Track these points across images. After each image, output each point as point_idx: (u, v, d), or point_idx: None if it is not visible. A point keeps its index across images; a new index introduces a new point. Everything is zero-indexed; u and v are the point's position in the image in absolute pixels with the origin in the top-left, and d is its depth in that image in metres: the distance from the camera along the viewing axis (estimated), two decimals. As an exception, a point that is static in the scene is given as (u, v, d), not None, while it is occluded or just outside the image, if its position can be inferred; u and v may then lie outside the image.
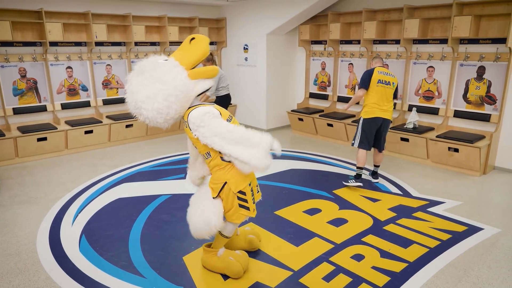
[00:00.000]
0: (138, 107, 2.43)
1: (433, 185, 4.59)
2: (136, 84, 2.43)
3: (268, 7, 6.74)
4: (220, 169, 2.57)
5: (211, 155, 2.55)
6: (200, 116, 2.40)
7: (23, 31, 5.65)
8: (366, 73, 4.32)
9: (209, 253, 2.86)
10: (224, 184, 2.57)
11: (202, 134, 2.41)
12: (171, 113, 2.43)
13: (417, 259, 3.01)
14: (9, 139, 5.29)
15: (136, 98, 2.42)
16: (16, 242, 3.32)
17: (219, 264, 2.81)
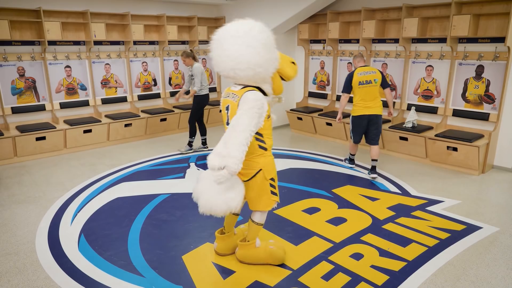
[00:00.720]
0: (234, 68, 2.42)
1: (432, 184, 4.60)
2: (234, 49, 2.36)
3: (267, 6, 6.73)
4: (256, 156, 2.59)
5: (258, 139, 2.56)
6: (255, 101, 2.41)
7: (21, 30, 5.63)
8: (346, 78, 4.64)
9: (247, 246, 2.87)
10: (258, 171, 2.59)
11: (241, 109, 2.40)
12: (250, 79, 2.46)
13: (416, 258, 3.02)
14: (7, 138, 5.28)
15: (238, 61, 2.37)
16: (15, 241, 3.32)
17: (261, 254, 2.86)
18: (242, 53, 2.34)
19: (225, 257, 3.04)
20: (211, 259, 3.02)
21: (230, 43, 2.37)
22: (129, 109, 6.97)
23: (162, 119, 6.81)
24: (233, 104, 2.54)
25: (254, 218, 2.82)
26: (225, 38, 2.40)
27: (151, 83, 7.23)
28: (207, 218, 3.70)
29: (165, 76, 7.41)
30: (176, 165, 5.27)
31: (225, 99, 2.65)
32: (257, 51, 2.35)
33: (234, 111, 2.50)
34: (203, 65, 7.92)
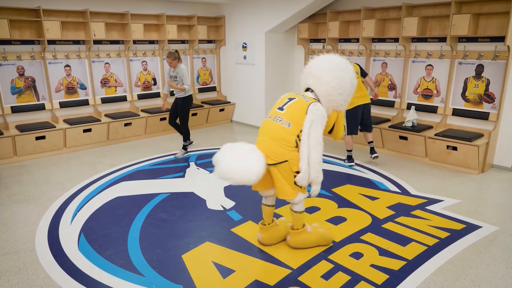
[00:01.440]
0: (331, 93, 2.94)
1: (431, 183, 4.60)
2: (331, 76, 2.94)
3: (267, 5, 6.73)
4: (289, 148, 2.80)
5: (299, 137, 2.82)
6: (322, 113, 2.85)
7: (21, 29, 5.63)
8: None
9: (299, 233, 3.08)
10: (284, 161, 2.80)
11: (310, 122, 2.79)
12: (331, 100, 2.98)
13: (415, 257, 3.02)
14: (7, 137, 5.28)
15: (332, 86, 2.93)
16: (14, 241, 3.32)
17: (313, 238, 3.11)
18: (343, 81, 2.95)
19: (225, 257, 3.05)
20: (211, 258, 3.03)
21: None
22: (129, 108, 6.96)
23: (161, 118, 6.81)
24: (301, 102, 2.90)
25: (293, 208, 3.04)
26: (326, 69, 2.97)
27: (151, 83, 7.23)
28: (207, 218, 3.70)
29: (165, 76, 7.40)
30: (176, 165, 5.28)
31: (292, 94, 3.03)
32: (344, 85, 2.95)
33: (298, 107, 2.87)
34: (203, 65, 7.92)
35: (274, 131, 2.85)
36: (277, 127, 2.85)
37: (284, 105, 2.93)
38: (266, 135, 2.90)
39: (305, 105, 2.85)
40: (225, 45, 7.90)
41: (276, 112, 2.93)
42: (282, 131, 2.82)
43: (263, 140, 2.88)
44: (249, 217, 3.70)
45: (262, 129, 2.98)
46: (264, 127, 2.97)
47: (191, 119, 7.28)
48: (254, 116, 7.53)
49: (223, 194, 4.27)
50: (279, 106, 2.96)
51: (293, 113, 2.85)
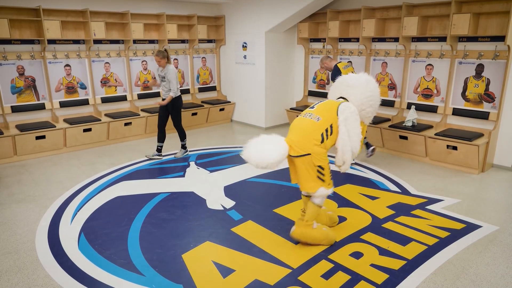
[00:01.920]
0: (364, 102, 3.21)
1: (431, 183, 4.60)
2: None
3: (267, 5, 6.72)
4: (314, 142, 3.00)
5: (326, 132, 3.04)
6: (354, 110, 3.11)
7: (21, 29, 5.63)
8: (335, 73, 4.97)
9: (306, 226, 3.15)
10: (307, 154, 2.97)
11: (344, 121, 3.03)
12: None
13: (415, 257, 3.02)
14: (7, 137, 5.28)
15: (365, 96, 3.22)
16: (14, 240, 3.32)
17: (318, 235, 3.15)
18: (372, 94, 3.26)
19: (225, 256, 3.05)
20: (211, 258, 3.03)
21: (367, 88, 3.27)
22: (129, 108, 6.96)
23: (162, 118, 6.81)
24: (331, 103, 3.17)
25: (313, 200, 3.11)
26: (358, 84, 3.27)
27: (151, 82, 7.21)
28: (207, 217, 3.70)
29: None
30: (176, 164, 5.28)
31: (324, 99, 3.33)
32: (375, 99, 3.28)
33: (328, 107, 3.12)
34: (203, 64, 7.92)
35: (303, 126, 3.06)
36: (307, 122, 3.06)
37: (315, 104, 3.22)
38: (296, 129, 3.09)
39: (335, 104, 3.10)
40: (225, 45, 7.90)
41: (307, 110, 3.19)
42: (311, 126, 3.02)
43: (291, 134, 3.08)
44: (249, 216, 3.70)
45: (293, 125, 3.16)
46: (294, 124, 3.16)
47: (192, 119, 7.29)
48: (254, 115, 7.53)
49: (223, 193, 4.27)
50: (310, 106, 3.23)
51: (323, 109, 3.10)
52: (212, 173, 4.90)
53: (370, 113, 3.27)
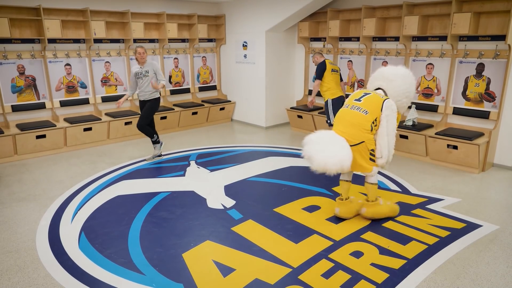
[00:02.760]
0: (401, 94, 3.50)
1: (432, 182, 4.60)
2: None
3: (267, 4, 6.72)
4: (365, 131, 3.35)
5: (373, 123, 3.37)
6: (394, 108, 3.41)
7: (21, 28, 5.63)
8: (320, 67, 5.40)
9: (374, 205, 3.58)
10: (362, 142, 3.35)
11: (386, 117, 3.34)
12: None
13: (416, 256, 3.02)
14: (7, 136, 5.28)
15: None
16: (15, 239, 3.32)
17: (385, 209, 3.60)
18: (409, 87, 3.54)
19: (225, 255, 3.06)
20: (212, 257, 3.03)
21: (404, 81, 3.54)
22: (129, 107, 6.96)
23: (162, 117, 6.81)
24: (376, 97, 3.42)
25: (368, 180, 3.55)
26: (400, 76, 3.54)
27: (151, 81, 7.22)
28: (207, 216, 3.71)
29: (165, 74, 7.40)
30: (176, 163, 5.28)
31: (366, 90, 3.57)
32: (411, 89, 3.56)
33: (374, 101, 3.40)
34: (203, 63, 7.92)
35: (353, 118, 3.38)
36: (355, 114, 3.38)
37: (361, 97, 3.47)
38: (345, 121, 3.43)
39: (380, 100, 3.39)
40: (225, 44, 7.90)
41: (353, 102, 3.47)
42: (360, 117, 3.36)
43: (341, 125, 3.42)
44: (250, 216, 3.70)
45: (341, 117, 3.50)
46: (342, 115, 3.50)
47: (192, 118, 7.29)
48: (255, 114, 7.53)
49: (224, 193, 4.27)
50: (355, 98, 3.50)
51: (370, 104, 3.39)
52: (212, 172, 4.90)
53: (405, 103, 3.54)
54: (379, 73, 3.61)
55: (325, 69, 5.40)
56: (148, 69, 5.02)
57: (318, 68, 5.42)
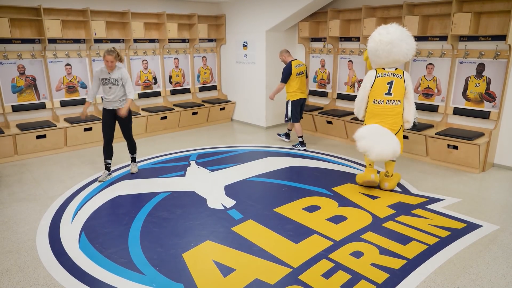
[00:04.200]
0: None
1: (432, 182, 4.60)
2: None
3: (268, 4, 6.72)
4: (400, 116, 4.07)
5: (400, 103, 4.06)
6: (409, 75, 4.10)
7: (21, 28, 5.63)
8: (286, 71, 5.66)
9: (394, 178, 4.31)
10: (400, 127, 4.09)
11: (408, 86, 4.03)
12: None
13: (416, 256, 3.02)
14: (8, 136, 5.28)
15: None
16: (15, 239, 3.32)
17: (397, 178, 4.40)
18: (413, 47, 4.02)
19: (225, 255, 3.06)
20: (212, 257, 3.03)
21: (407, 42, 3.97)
22: (130, 107, 6.96)
23: (162, 117, 6.82)
24: (398, 80, 4.02)
25: (393, 158, 4.18)
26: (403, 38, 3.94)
27: (152, 81, 7.23)
28: (207, 216, 3.71)
29: (166, 74, 7.40)
30: (177, 163, 5.28)
31: (387, 77, 4.05)
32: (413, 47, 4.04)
33: (400, 85, 4.01)
34: (203, 63, 7.92)
35: (392, 110, 4.02)
36: (393, 108, 4.02)
37: (390, 90, 4.00)
38: (385, 115, 4.04)
39: (402, 80, 4.00)
40: (225, 44, 7.90)
41: (386, 97, 4.03)
42: (397, 108, 4.02)
43: (381, 117, 4.04)
44: (250, 216, 3.71)
45: (380, 111, 4.05)
46: (381, 110, 4.06)
47: (192, 118, 7.30)
48: (255, 115, 7.52)
49: (224, 193, 4.27)
50: (385, 92, 4.02)
51: (399, 92, 4.01)
52: (212, 173, 4.90)
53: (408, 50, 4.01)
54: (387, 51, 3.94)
55: (291, 73, 5.65)
56: (117, 77, 4.37)
57: (284, 72, 5.67)
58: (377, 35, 3.96)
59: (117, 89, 4.41)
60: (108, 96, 4.43)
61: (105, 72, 4.38)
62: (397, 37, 3.85)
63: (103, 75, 4.39)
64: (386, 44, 3.88)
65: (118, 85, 4.39)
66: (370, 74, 4.11)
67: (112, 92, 4.41)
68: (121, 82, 4.40)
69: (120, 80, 4.39)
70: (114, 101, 4.45)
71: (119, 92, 4.44)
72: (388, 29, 3.92)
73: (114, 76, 4.37)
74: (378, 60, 4.05)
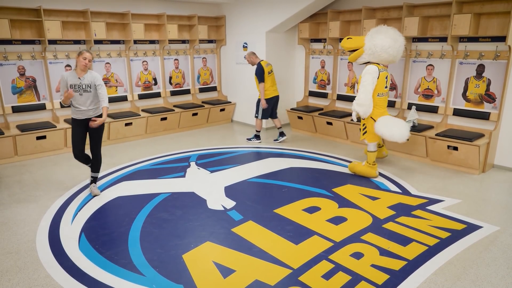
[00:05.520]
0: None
1: (432, 183, 4.60)
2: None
3: (268, 5, 6.72)
4: None
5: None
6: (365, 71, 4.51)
7: (21, 29, 5.63)
8: (260, 70, 5.94)
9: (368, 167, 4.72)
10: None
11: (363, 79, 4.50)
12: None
13: (416, 257, 3.02)
14: (8, 137, 5.28)
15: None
16: (15, 240, 3.32)
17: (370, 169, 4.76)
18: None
19: (225, 256, 3.06)
20: (212, 258, 3.03)
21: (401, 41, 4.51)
22: (130, 108, 6.97)
23: (162, 118, 6.82)
24: (389, 75, 4.60)
25: (369, 148, 4.69)
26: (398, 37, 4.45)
27: (152, 82, 7.23)
28: (207, 217, 3.71)
29: (166, 75, 7.41)
30: (177, 164, 5.28)
31: (385, 72, 4.50)
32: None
33: (389, 79, 4.62)
34: (203, 64, 7.92)
35: (386, 101, 4.65)
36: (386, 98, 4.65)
37: (387, 83, 4.55)
38: (385, 106, 4.63)
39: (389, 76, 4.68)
40: (225, 45, 7.90)
41: (385, 90, 4.55)
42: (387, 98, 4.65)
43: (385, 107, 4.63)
44: (250, 217, 3.70)
45: (383, 103, 4.59)
46: (383, 102, 4.58)
47: (192, 119, 7.30)
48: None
49: (224, 194, 4.27)
50: (385, 86, 4.52)
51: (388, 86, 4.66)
52: (212, 174, 4.90)
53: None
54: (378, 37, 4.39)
55: (264, 72, 5.93)
56: (90, 82, 3.82)
57: (258, 73, 5.94)
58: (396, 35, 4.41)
59: (90, 96, 3.83)
60: (80, 105, 3.83)
61: (74, 76, 3.79)
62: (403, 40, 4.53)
63: (72, 80, 3.79)
64: (401, 45, 4.42)
65: (91, 92, 3.83)
66: (374, 70, 4.38)
67: (84, 101, 3.83)
68: (93, 89, 3.84)
69: (94, 86, 3.83)
70: (88, 109, 3.88)
71: (93, 99, 3.87)
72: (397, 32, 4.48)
73: (86, 82, 3.80)
74: (383, 56, 4.36)
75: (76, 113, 3.91)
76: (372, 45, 4.33)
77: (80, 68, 3.79)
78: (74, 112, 3.91)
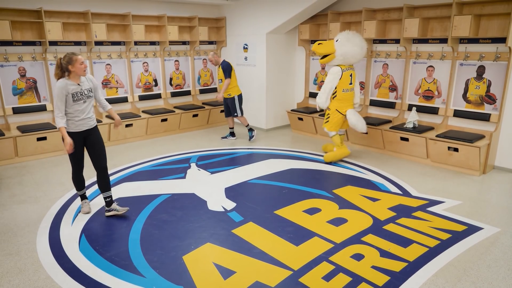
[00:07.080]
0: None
1: (432, 184, 4.59)
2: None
3: (268, 6, 6.73)
4: (352, 98, 5.41)
5: (353, 90, 5.37)
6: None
7: (22, 30, 5.64)
8: (229, 68, 6.16)
9: (333, 153, 5.37)
10: None
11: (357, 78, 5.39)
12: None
13: (416, 259, 3.02)
14: (8, 138, 5.29)
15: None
16: (16, 241, 3.32)
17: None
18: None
19: (225, 258, 3.06)
20: (212, 259, 3.03)
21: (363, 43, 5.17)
22: (130, 109, 6.97)
23: (163, 120, 6.82)
24: (354, 73, 5.22)
25: (330, 135, 5.40)
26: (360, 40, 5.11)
27: (152, 84, 7.24)
28: (208, 219, 3.71)
29: (166, 77, 7.41)
30: (177, 166, 5.28)
31: (349, 71, 5.14)
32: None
33: (354, 77, 5.24)
34: (204, 66, 7.93)
35: (351, 95, 5.27)
36: (351, 93, 5.26)
37: (351, 80, 5.16)
38: (349, 100, 5.25)
39: (355, 74, 5.28)
40: (226, 46, 7.91)
41: (349, 86, 5.17)
42: (353, 94, 5.30)
43: (349, 101, 5.25)
44: (250, 218, 3.70)
45: (348, 97, 5.21)
46: (348, 96, 5.20)
47: (192, 120, 7.30)
48: (255, 117, 7.52)
49: (224, 195, 4.27)
50: (349, 83, 5.15)
51: (354, 83, 5.26)
52: (213, 175, 4.90)
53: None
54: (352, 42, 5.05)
55: (232, 68, 6.20)
56: (90, 86, 3.52)
57: (227, 70, 6.13)
58: (362, 42, 5.10)
59: (91, 102, 3.50)
60: (82, 114, 3.43)
61: (73, 84, 3.36)
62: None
63: (74, 89, 3.36)
64: (365, 50, 5.16)
65: (92, 96, 3.53)
66: (337, 71, 5.09)
67: (86, 107, 3.45)
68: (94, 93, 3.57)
69: (93, 90, 3.56)
70: (89, 118, 3.52)
71: (92, 104, 3.55)
72: (362, 38, 5.15)
73: (86, 86, 3.46)
74: (351, 60, 5.10)
75: (76, 126, 3.47)
76: (343, 52, 5.01)
77: (79, 75, 3.39)
78: (74, 126, 3.47)
